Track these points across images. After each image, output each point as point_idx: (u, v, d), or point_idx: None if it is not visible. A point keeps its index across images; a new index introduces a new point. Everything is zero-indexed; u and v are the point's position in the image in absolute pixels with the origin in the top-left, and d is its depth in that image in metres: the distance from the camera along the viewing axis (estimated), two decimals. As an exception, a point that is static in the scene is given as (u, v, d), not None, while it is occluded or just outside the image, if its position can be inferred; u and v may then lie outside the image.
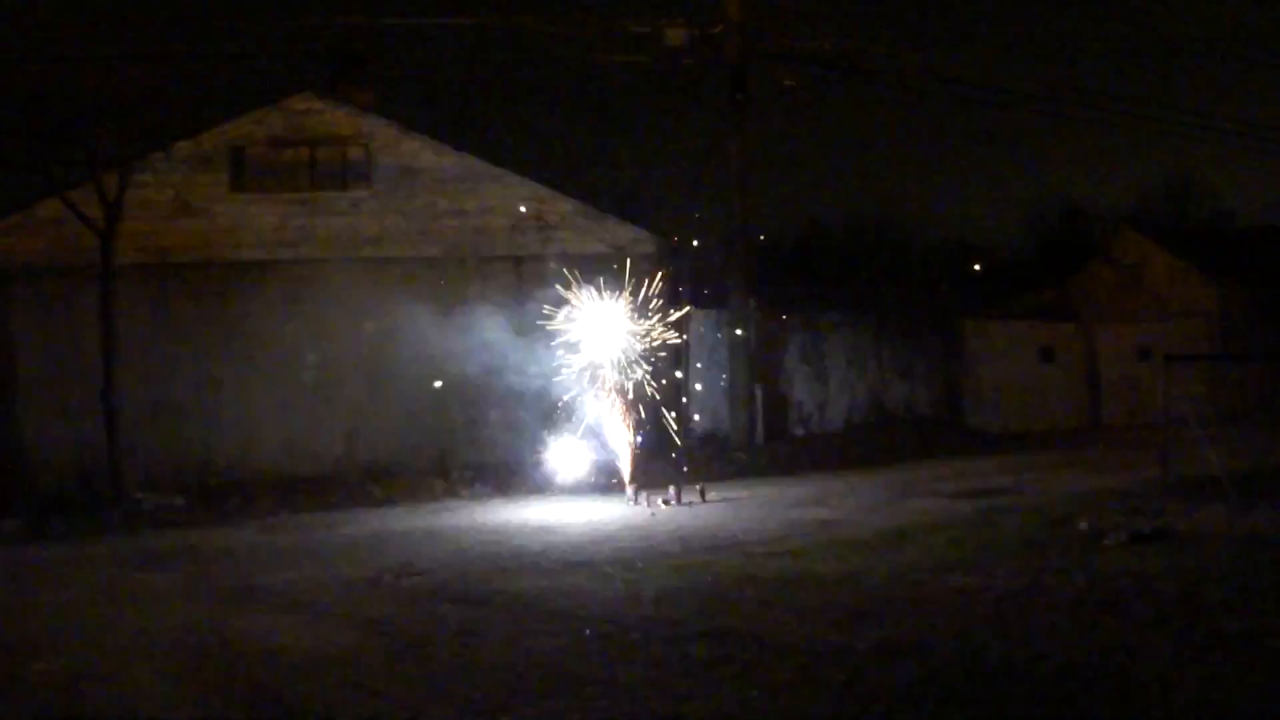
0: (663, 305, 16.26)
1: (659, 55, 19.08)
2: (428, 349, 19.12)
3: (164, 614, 9.41)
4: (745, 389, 20.27)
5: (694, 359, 19.75)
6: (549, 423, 16.69)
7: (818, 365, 22.95)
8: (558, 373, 15.99)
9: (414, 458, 19.07)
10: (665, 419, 16.40)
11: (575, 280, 15.62)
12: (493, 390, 18.65)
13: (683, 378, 16.61)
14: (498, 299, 19.20)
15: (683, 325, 17.37)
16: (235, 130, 19.89)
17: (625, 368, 15.68)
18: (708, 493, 15.68)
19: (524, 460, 17.75)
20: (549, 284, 16.16)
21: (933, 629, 7.93)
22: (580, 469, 16.68)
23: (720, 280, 20.70)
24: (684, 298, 16.83)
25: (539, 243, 19.77)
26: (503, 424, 19.07)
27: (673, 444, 16.71)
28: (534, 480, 17.29)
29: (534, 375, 16.58)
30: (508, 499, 16.68)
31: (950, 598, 8.92)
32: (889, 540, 11.74)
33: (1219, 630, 7.67)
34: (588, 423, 15.97)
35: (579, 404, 15.93)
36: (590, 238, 19.77)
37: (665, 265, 17.66)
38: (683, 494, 15.44)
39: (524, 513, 15.06)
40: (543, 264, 18.49)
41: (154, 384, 18.84)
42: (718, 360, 20.61)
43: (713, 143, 20.10)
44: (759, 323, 20.87)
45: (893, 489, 16.24)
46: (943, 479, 17.23)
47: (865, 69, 20.41)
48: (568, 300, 15.63)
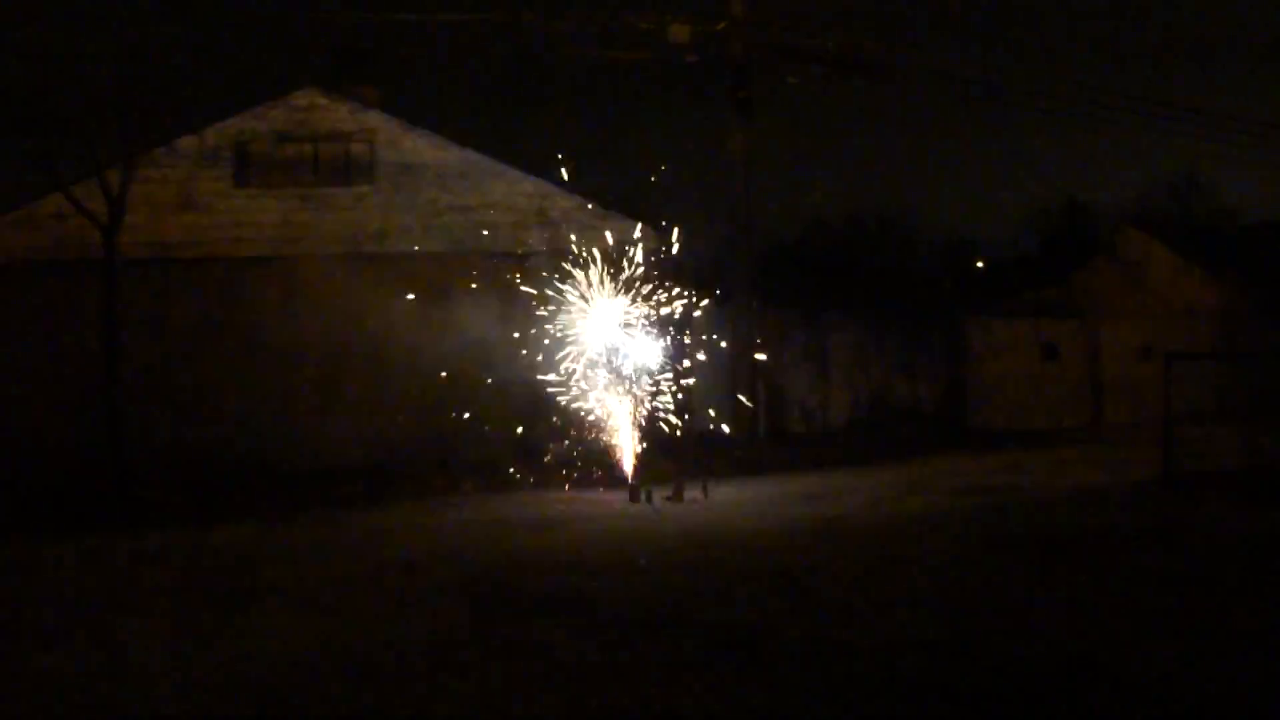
0: (666, 301, 16.26)
1: (663, 52, 19.08)
2: (430, 344, 19.13)
3: (164, 610, 9.42)
4: (748, 386, 20.29)
5: (696, 355, 19.75)
6: (552, 419, 16.70)
7: (820, 362, 22.96)
8: (562, 368, 16.00)
9: (416, 453, 19.08)
10: (668, 415, 16.41)
11: (578, 276, 15.62)
12: (496, 386, 18.66)
13: (686, 374, 16.61)
14: (501, 294, 19.21)
15: (685, 321, 17.38)
16: (239, 125, 19.92)
17: (629, 364, 15.68)
18: (710, 489, 15.69)
19: (526, 456, 17.76)
20: (553, 280, 16.16)
21: (935, 626, 7.95)
22: (583, 465, 16.69)
23: (723, 277, 20.70)
24: (686, 294, 16.81)
25: (542, 239, 19.78)
26: (505, 420, 19.07)
27: (675, 440, 16.71)
28: (536, 476, 17.31)
29: (537, 371, 16.57)
30: (510, 495, 16.69)
31: (952, 595, 8.94)
32: (891, 537, 11.75)
33: (1222, 628, 7.69)
34: (591, 419, 15.97)
35: (582, 400, 15.94)
36: (593, 233, 19.76)
37: (668, 261, 17.63)
38: (685, 490, 15.45)
39: (526, 509, 15.06)
40: (546, 260, 18.49)
41: (156, 379, 18.85)
42: (720, 357, 20.61)
43: (716, 139, 20.11)
44: (762, 319, 20.87)
45: (895, 486, 16.25)
46: (945, 476, 17.24)
47: (869, 66, 20.39)
48: (571, 296, 15.63)
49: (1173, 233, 34.38)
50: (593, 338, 15.72)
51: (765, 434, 20.74)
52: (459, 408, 19.37)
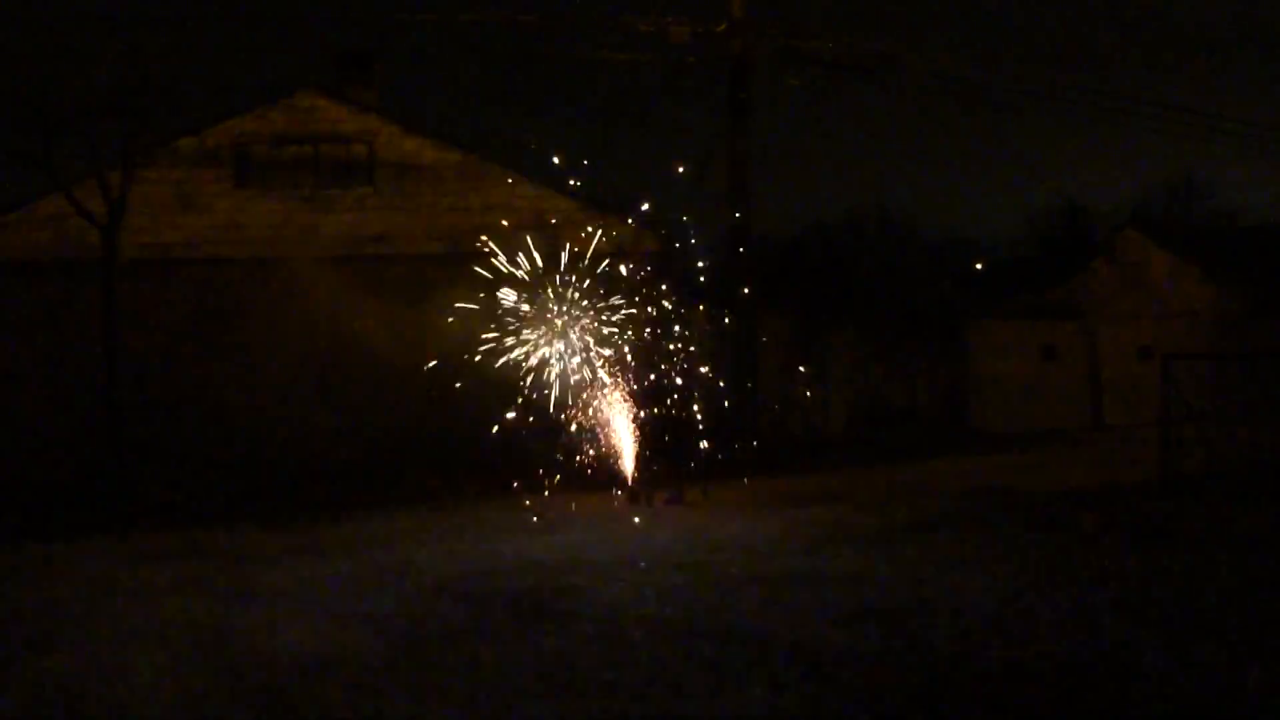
0: (665, 303, 16.27)
1: (662, 53, 19.08)
2: (429, 346, 19.11)
3: (165, 611, 9.42)
4: (747, 388, 20.27)
5: (695, 357, 19.73)
6: (552, 421, 16.68)
7: (819, 364, 22.98)
8: (561, 371, 15.99)
9: (416, 455, 19.07)
10: (669, 417, 16.40)
11: (580, 278, 15.62)
12: (495, 388, 18.63)
13: (686, 377, 16.61)
14: (501, 296, 19.18)
15: (684, 324, 17.38)
16: (239, 127, 19.93)
17: (629, 366, 15.68)
18: (710, 491, 15.69)
19: (527, 458, 17.75)
20: (552, 282, 16.16)
21: (935, 628, 7.95)
22: (583, 467, 16.68)
23: (722, 279, 20.69)
24: (686, 296, 16.82)
25: (541, 240, 19.74)
26: (505, 422, 19.04)
27: (675, 443, 16.70)
28: (536, 478, 17.29)
29: (537, 373, 16.55)
30: (509, 497, 16.68)
31: (952, 596, 8.94)
32: (891, 538, 11.76)
33: (1220, 629, 7.70)
34: (591, 421, 15.97)
35: (582, 402, 15.93)
36: (593, 235, 19.75)
37: (667, 263, 17.65)
38: (685, 492, 15.45)
39: (525, 511, 15.06)
40: (545, 261, 18.48)
41: (156, 380, 18.86)
42: (719, 359, 20.58)
43: (715, 140, 20.10)
44: (760, 321, 20.86)
45: (894, 487, 16.25)
46: (944, 477, 17.25)
47: (868, 67, 20.40)
48: (570, 298, 15.64)
49: (1172, 234, 34.38)
50: (593, 339, 15.72)
51: (765, 436, 20.73)
52: (458, 410, 19.36)
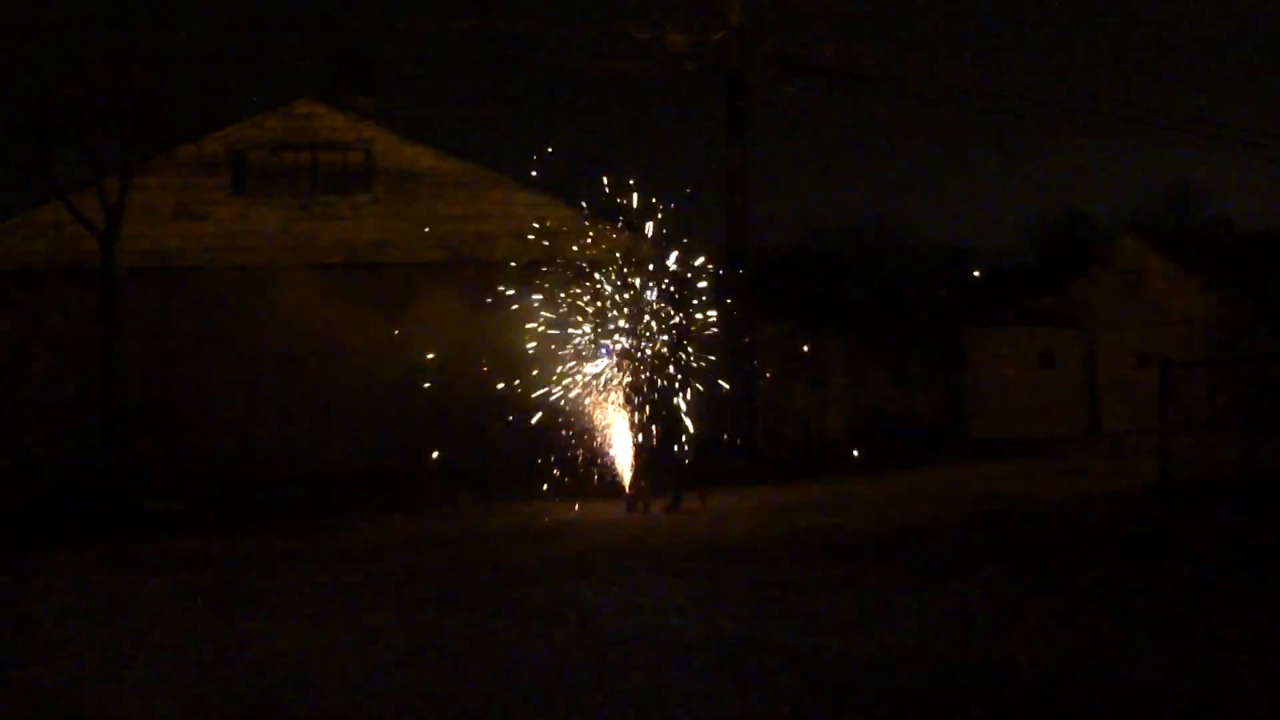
0: (662, 311, 16.26)
1: (660, 61, 19.11)
2: (428, 353, 19.11)
3: (161, 620, 9.41)
4: (745, 396, 20.27)
5: (694, 366, 19.73)
6: (550, 428, 16.67)
7: (818, 372, 22.97)
8: (559, 377, 15.99)
9: (415, 462, 19.05)
10: (666, 425, 16.39)
11: (576, 285, 15.63)
12: (493, 394, 18.64)
13: (684, 385, 16.60)
14: (499, 303, 19.19)
15: (683, 332, 17.37)
16: (237, 134, 19.94)
17: (627, 373, 15.67)
18: (708, 499, 15.68)
19: (524, 465, 17.74)
20: (550, 288, 16.17)
21: (932, 634, 7.95)
22: (580, 474, 16.66)
23: (720, 287, 20.68)
24: (683, 303, 16.81)
25: (539, 248, 19.77)
26: (503, 429, 19.04)
27: (673, 451, 16.69)
28: (534, 485, 17.28)
29: (535, 379, 16.55)
30: (507, 504, 16.68)
31: (950, 603, 8.94)
32: (889, 546, 11.76)
33: (1218, 636, 7.70)
34: (589, 428, 15.95)
35: (580, 409, 15.92)
36: (591, 243, 19.75)
37: (665, 271, 17.62)
38: (683, 500, 15.44)
39: (523, 519, 15.05)
40: (544, 269, 18.48)
41: (154, 387, 18.85)
42: (717, 367, 20.57)
43: (713, 149, 20.12)
44: (759, 329, 20.87)
45: (892, 495, 16.25)
46: (942, 485, 17.24)
47: (865, 75, 20.43)
48: (569, 304, 15.64)
49: (1169, 242, 34.41)
50: (591, 347, 15.71)
51: (763, 444, 20.73)
52: (457, 417, 19.37)
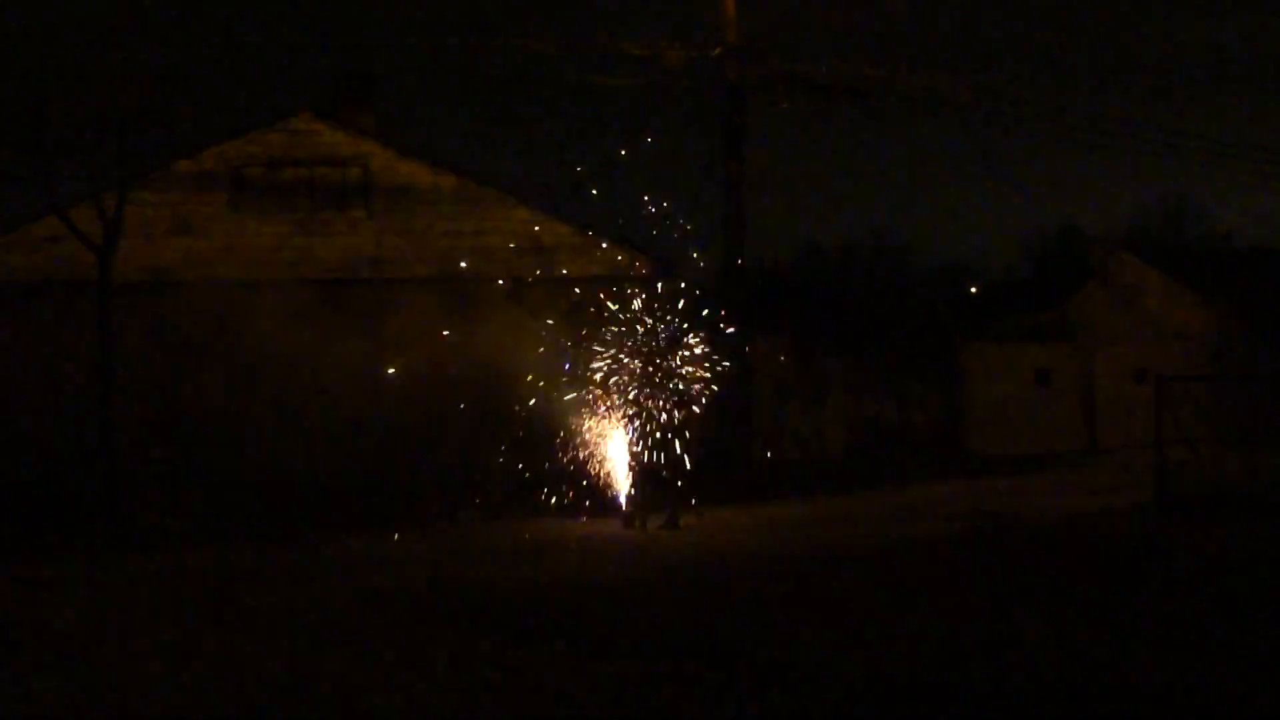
0: (661, 328, 16.27)
1: (657, 78, 19.14)
2: (425, 370, 19.13)
3: (158, 633, 9.38)
4: (743, 412, 20.25)
5: (691, 382, 19.72)
6: (547, 444, 16.66)
7: (815, 388, 22.97)
8: (557, 394, 15.99)
9: (411, 478, 19.03)
10: (664, 442, 16.38)
11: (573, 303, 15.66)
12: (490, 411, 18.63)
13: (681, 401, 16.61)
14: (496, 320, 19.21)
15: (681, 348, 17.38)
16: (235, 150, 19.95)
17: (625, 390, 15.68)
18: (705, 515, 15.66)
19: (521, 481, 17.72)
20: (547, 306, 16.20)
21: (929, 651, 7.94)
22: (578, 491, 16.64)
23: (717, 303, 20.69)
24: (681, 320, 16.82)
25: (537, 265, 19.81)
26: (499, 445, 19.02)
27: (671, 467, 16.69)
28: (531, 502, 17.26)
29: (532, 396, 16.55)
30: (505, 520, 16.66)
31: (946, 620, 8.93)
32: (886, 562, 11.75)
33: (1214, 652, 7.69)
34: (586, 444, 15.95)
35: (578, 426, 15.92)
36: (588, 260, 19.79)
37: (662, 287, 17.64)
38: (680, 516, 15.42)
39: (520, 535, 15.04)
40: (540, 286, 18.52)
41: (151, 402, 18.83)
42: (715, 383, 20.56)
43: (710, 166, 20.15)
44: (756, 345, 20.87)
45: (889, 510, 16.25)
46: (939, 501, 17.24)
47: (862, 92, 20.47)
48: (565, 322, 15.66)
49: (1166, 257, 34.46)
50: (589, 364, 15.72)
51: (760, 460, 20.71)
52: (454, 432, 19.35)
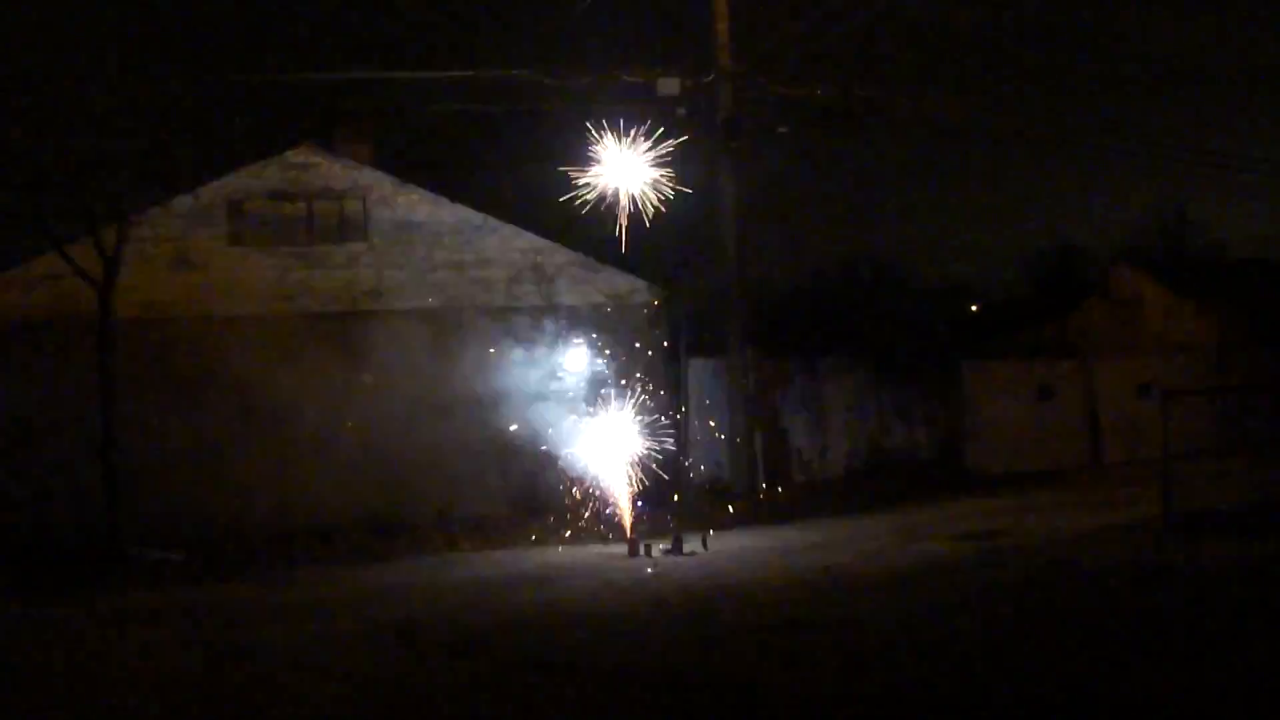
0: (663, 353, 16.29)
1: (652, 105, 19.16)
2: (426, 401, 19.13)
3: (160, 671, 9.35)
4: (744, 435, 20.23)
5: (693, 406, 19.74)
6: (549, 473, 16.66)
7: (817, 410, 22.92)
8: (558, 423, 15.99)
9: (413, 510, 19.00)
10: (666, 468, 16.37)
11: (575, 332, 15.68)
12: (492, 442, 18.63)
13: (683, 426, 16.60)
14: (497, 350, 19.23)
15: (683, 373, 17.40)
16: (233, 184, 20.00)
17: (625, 416, 15.67)
18: (709, 540, 15.62)
19: (524, 511, 17.70)
20: (548, 335, 16.21)
21: (935, 674, 7.89)
22: (581, 519, 16.63)
23: (717, 327, 20.72)
24: (683, 345, 16.85)
25: (537, 294, 19.83)
26: (502, 475, 19.02)
27: (674, 492, 16.67)
28: (534, 531, 17.24)
29: (534, 426, 16.56)
30: (508, 550, 16.62)
31: (953, 642, 8.88)
32: (891, 585, 11.70)
33: (1229, 666, 7.65)
34: (588, 473, 15.93)
35: (579, 454, 15.90)
36: (588, 288, 19.81)
37: (663, 314, 17.70)
38: (684, 542, 15.37)
39: (524, 564, 15.00)
40: (541, 315, 18.54)
41: (152, 438, 18.80)
42: (717, 407, 20.58)
43: (707, 191, 20.16)
44: (757, 368, 20.86)
45: (894, 533, 16.19)
46: (944, 521, 17.17)
47: (857, 113, 20.50)
48: (567, 351, 15.68)
49: (1165, 270, 34.51)
50: (591, 391, 15.73)
51: (764, 483, 20.67)
52: (456, 463, 19.32)
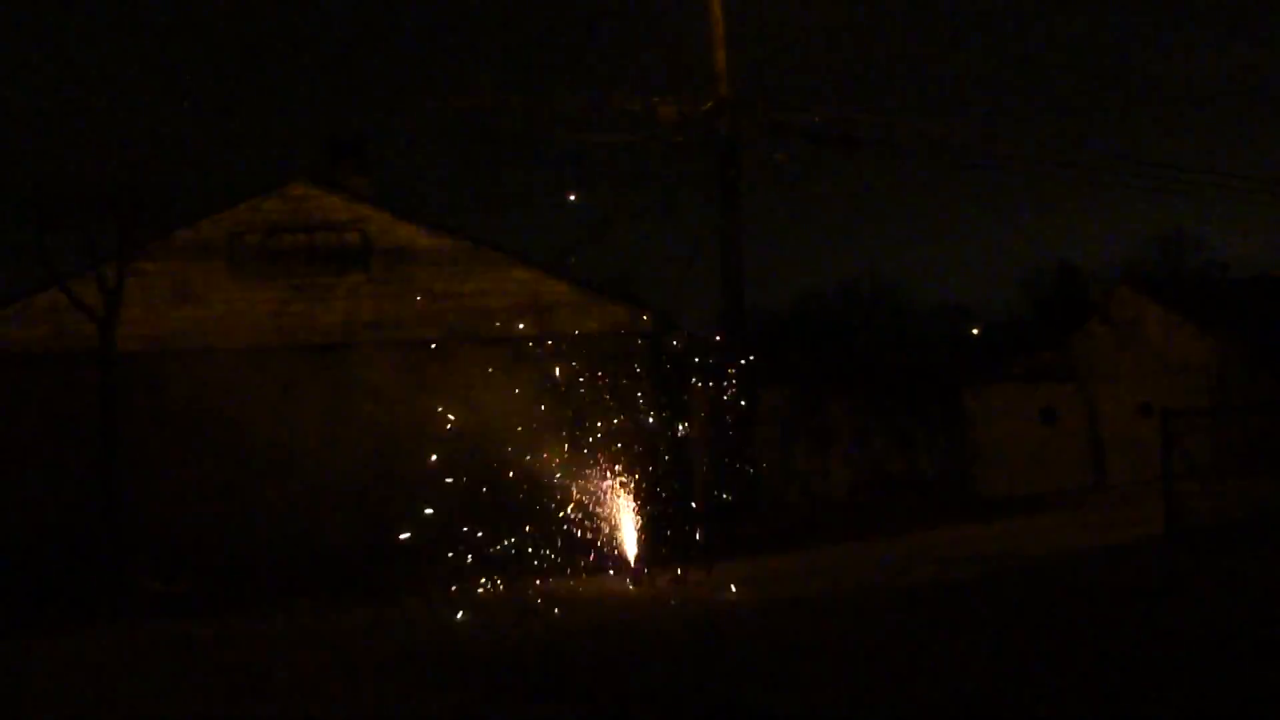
0: (664, 382, 16.29)
1: (652, 133, 19.27)
2: (428, 432, 19.11)
3: (164, 705, 9.32)
4: (748, 462, 20.21)
5: (695, 433, 19.71)
6: (553, 503, 16.62)
7: (819, 435, 22.95)
8: (561, 453, 15.96)
9: (417, 543, 18.93)
10: (670, 496, 16.34)
11: (574, 362, 15.68)
12: (495, 472, 18.58)
13: (685, 453, 16.59)
14: (496, 381, 19.21)
15: (685, 401, 17.40)
16: (233, 218, 20.07)
17: (628, 446, 15.65)
18: (714, 568, 15.57)
19: (527, 542, 17.64)
20: (548, 365, 16.21)
21: (943, 697, 7.87)
22: (585, 549, 16.57)
23: (719, 354, 20.74)
24: (683, 373, 16.85)
25: (537, 324, 19.84)
26: (505, 506, 18.96)
27: (678, 521, 16.63)
28: (538, 562, 17.17)
29: (536, 456, 16.52)
30: (512, 582, 16.57)
31: (961, 664, 8.85)
32: (898, 608, 11.68)
33: (1226, 685, 7.62)
34: (591, 502, 15.90)
35: (582, 484, 15.87)
36: (587, 317, 19.82)
37: (663, 342, 17.72)
38: (689, 571, 15.33)
39: (526, 595, 14.95)
40: (540, 345, 18.54)
41: (154, 470, 18.81)
42: (719, 434, 20.57)
43: (707, 218, 20.25)
44: (760, 394, 20.87)
45: (898, 558, 16.16)
46: (947, 545, 17.15)
47: (856, 138, 20.61)
48: (568, 382, 15.67)
49: (1165, 290, 34.53)
50: (592, 422, 15.72)
51: (768, 509, 20.64)
52: (459, 495, 19.27)
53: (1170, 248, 48.30)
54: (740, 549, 18.23)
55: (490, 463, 18.47)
